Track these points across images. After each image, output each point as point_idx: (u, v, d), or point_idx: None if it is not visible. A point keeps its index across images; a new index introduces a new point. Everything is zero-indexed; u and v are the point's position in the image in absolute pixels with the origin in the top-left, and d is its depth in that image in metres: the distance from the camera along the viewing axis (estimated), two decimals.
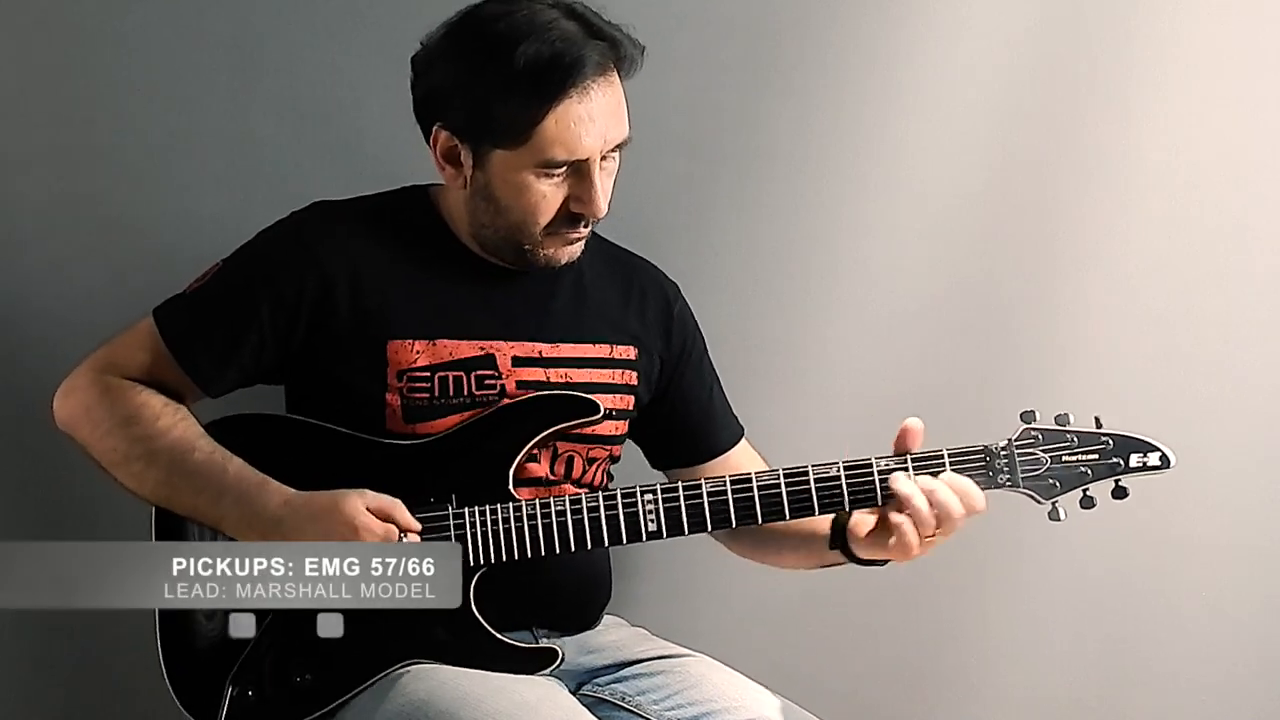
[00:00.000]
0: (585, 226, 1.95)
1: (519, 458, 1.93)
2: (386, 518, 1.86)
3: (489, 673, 1.88)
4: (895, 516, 1.88)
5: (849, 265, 2.47)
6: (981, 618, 2.53)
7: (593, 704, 1.98)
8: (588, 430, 2.00)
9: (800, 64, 2.43)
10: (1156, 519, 2.45)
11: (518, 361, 1.98)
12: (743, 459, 2.14)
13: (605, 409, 1.97)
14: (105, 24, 2.34)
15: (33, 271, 2.35)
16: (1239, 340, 2.47)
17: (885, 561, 1.96)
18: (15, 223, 2.34)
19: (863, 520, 1.94)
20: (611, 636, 2.08)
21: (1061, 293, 2.47)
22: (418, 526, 1.87)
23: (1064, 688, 2.52)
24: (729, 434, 2.16)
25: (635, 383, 2.06)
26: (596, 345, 2.03)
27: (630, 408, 2.06)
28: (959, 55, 2.43)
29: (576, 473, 2.02)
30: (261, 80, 2.36)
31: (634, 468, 2.12)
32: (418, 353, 1.95)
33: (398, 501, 1.87)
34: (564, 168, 1.89)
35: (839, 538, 1.97)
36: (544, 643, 1.95)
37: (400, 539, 1.83)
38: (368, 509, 1.85)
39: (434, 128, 1.93)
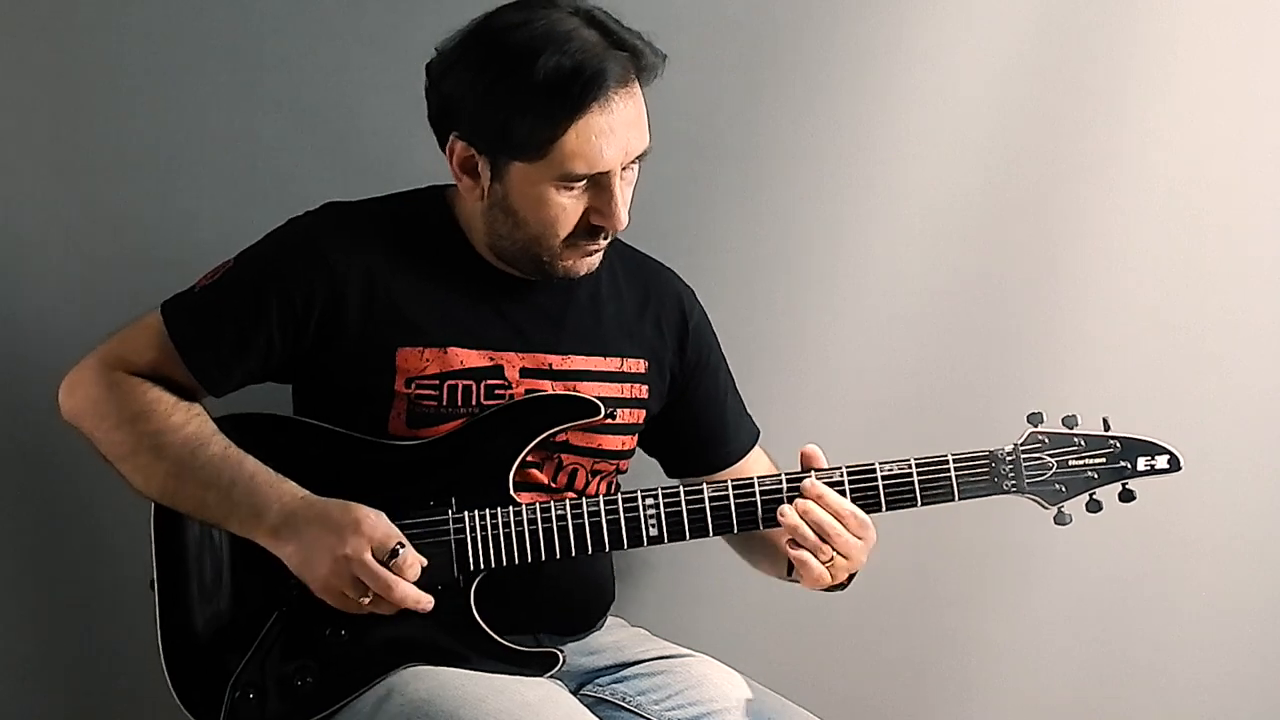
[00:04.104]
0: (604, 238, 1.93)
1: (519, 460, 1.92)
2: (396, 539, 1.84)
3: (491, 674, 1.87)
4: (792, 551, 1.89)
5: (850, 265, 2.46)
6: (981, 618, 2.53)
7: (593, 704, 1.98)
8: (593, 444, 2.00)
9: (800, 64, 2.43)
10: (1157, 519, 2.44)
11: (526, 373, 1.97)
12: (758, 467, 2.14)
13: (607, 411, 1.95)
14: (105, 24, 2.33)
15: (33, 271, 2.34)
16: (1239, 340, 2.47)
17: (843, 586, 1.96)
18: (16, 222, 2.33)
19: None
20: (612, 637, 2.07)
21: (1062, 293, 2.47)
22: (424, 561, 1.84)
23: (1064, 688, 2.52)
24: (744, 441, 2.15)
25: (645, 396, 2.05)
26: (607, 359, 2.02)
27: (640, 421, 2.05)
28: (959, 55, 2.43)
29: (579, 485, 2.01)
30: (263, 80, 2.35)
31: (637, 469, 2.12)
32: (427, 360, 1.93)
33: (407, 541, 1.85)
34: (584, 180, 1.87)
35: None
36: (545, 646, 1.94)
37: (397, 550, 1.82)
38: (382, 526, 1.83)
39: (450, 138, 1.90)
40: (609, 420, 1.97)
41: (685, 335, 2.10)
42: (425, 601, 1.83)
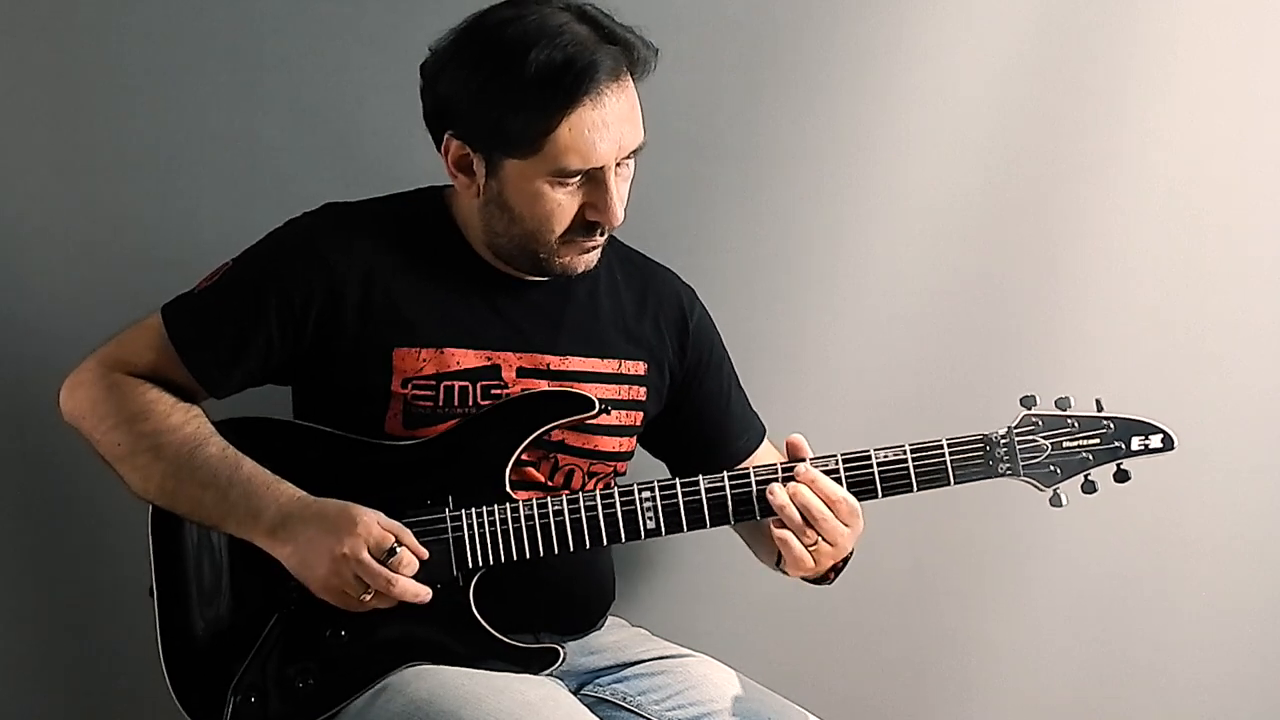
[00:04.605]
0: (601, 234, 1.92)
1: (515, 457, 1.92)
2: (394, 535, 1.84)
3: (491, 673, 1.88)
4: (775, 530, 1.88)
5: (850, 265, 2.46)
6: (981, 617, 2.53)
7: (594, 704, 1.98)
8: (589, 445, 2.00)
9: (800, 64, 2.43)
10: (1156, 518, 2.45)
11: (523, 373, 1.96)
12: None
13: (600, 407, 1.95)
14: (105, 24, 2.33)
15: (33, 271, 2.34)
16: (1239, 340, 2.47)
17: (829, 579, 1.96)
18: (16, 223, 2.33)
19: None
20: (613, 637, 2.08)
21: (1062, 293, 2.47)
22: (425, 554, 1.85)
23: (1064, 688, 2.52)
24: (750, 438, 2.14)
25: (644, 398, 2.05)
26: (606, 360, 2.02)
27: (637, 423, 2.05)
28: (959, 55, 2.43)
29: (576, 484, 2.01)
30: (263, 80, 2.35)
31: (637, 468, 2.12)
32: (424, 361, 1.93)
33: (408, 531, 1.85)
34: (579, 176, 1.87)
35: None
36: (545, 643, 1.94)
37: (393, 549, 1.82)
38: (378, 524, 1.84)
39: (445, 136, 1.90)
40: (603, 418, 1.97)
41: (686, 335, 2.10)
42: (424, 593, 1.84)
